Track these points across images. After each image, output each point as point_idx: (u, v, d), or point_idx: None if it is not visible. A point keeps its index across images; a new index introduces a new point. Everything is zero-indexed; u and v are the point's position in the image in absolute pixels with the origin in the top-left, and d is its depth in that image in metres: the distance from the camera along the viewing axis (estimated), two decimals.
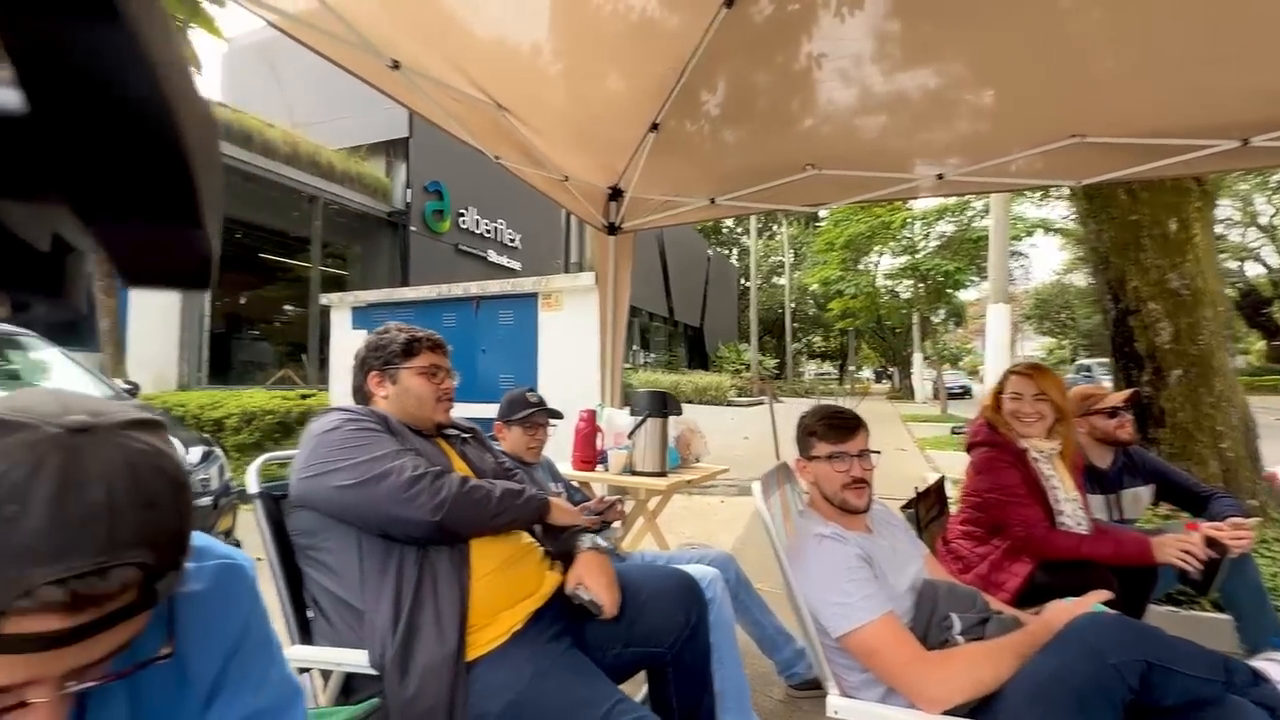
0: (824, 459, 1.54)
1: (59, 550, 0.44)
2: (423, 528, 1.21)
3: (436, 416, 1.49)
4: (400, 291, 6.01)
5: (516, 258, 14.17)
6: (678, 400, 2.59)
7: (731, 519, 4.80)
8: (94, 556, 0.45)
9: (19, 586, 0.43)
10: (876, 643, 1.27)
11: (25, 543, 0.43)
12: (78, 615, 0.45)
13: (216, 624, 0.68)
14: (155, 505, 0.50)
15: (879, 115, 2.63)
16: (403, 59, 1.82)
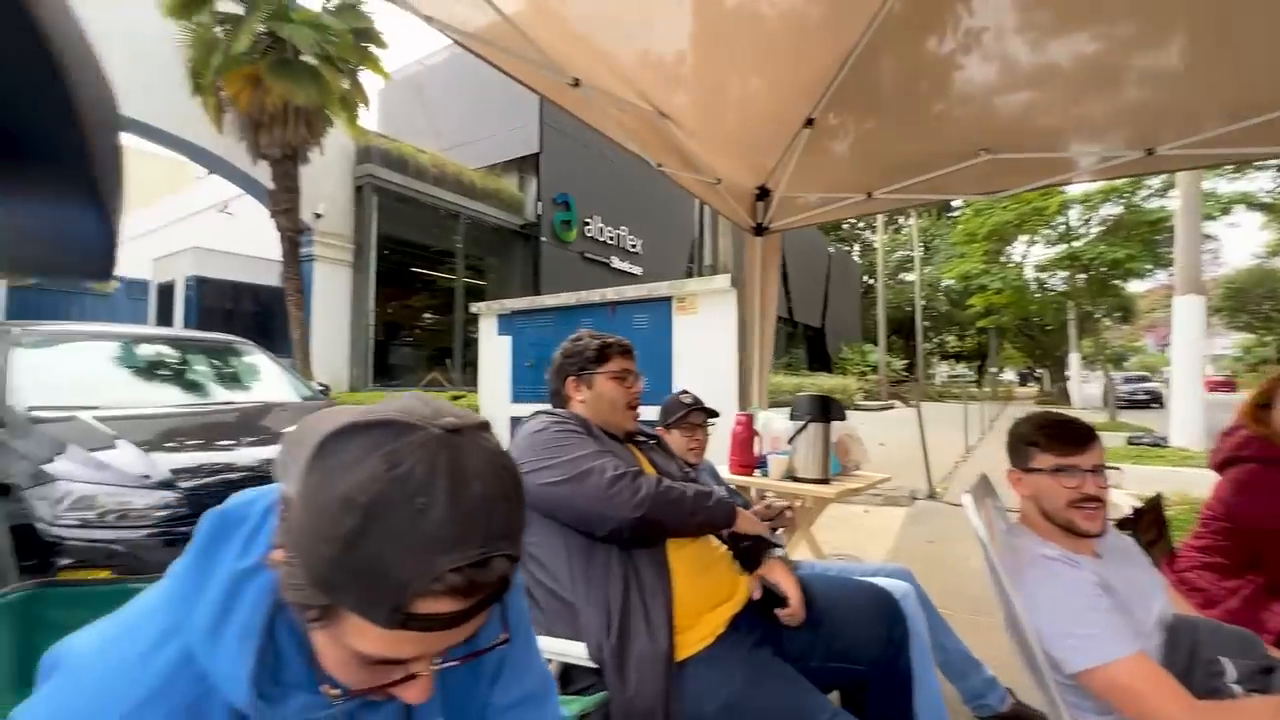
0: (1048, 472, 1.37)
1: (458, 540, 0.49)
2: (624, 524, 1.24)
3: (626, 423, 1.53)
4: (541, 299, 6.34)
5: (638, 263, 14.47)
6: (841, 405, 2.48)
7: (879, 530, 4.54)
8: (480, 546, 0.50)
9: (431, 571, 0.48)
10: (1132, 682, 1.12)
11: (433, 532, 0.48)
12: (467, 600, 0.51)
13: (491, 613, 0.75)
14: (509, 500, 0.55)
15: (1069, 87, 2.35)
16: (582, 76, 1.90)
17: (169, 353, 4.35)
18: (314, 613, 0.51)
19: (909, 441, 9.13)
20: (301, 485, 0.52)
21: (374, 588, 0.48)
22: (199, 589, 0.56)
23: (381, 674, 0.55)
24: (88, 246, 0.18)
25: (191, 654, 0.54)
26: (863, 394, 19.38)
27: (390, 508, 0.48)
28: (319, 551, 0.49)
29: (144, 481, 2.61)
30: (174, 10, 6.76)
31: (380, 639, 0.51)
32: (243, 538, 0.59)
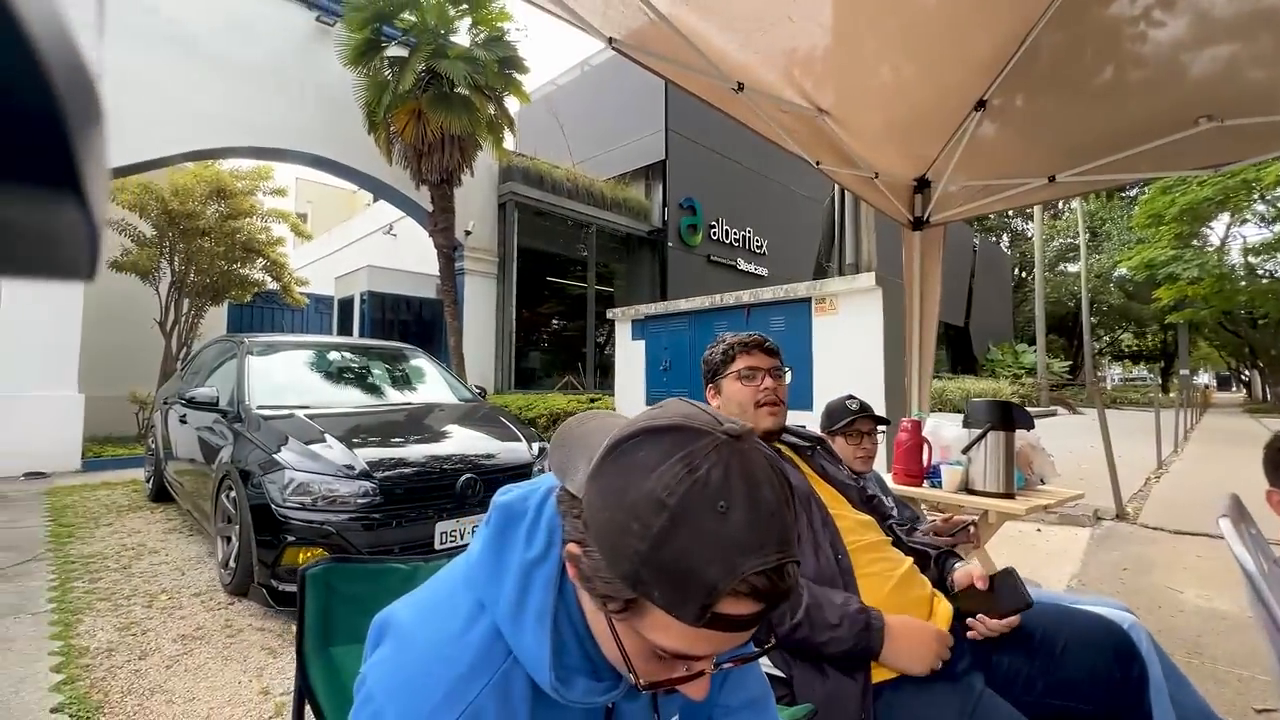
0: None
1: (760, 544, 0.51)
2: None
3: (761, 424, 1.42)
4: (674, 303, 6.41)
5: (763, 264, 14.20)
6: (1027, 413, 2.25)
7: (1058, 552, 4.06)
8: (778, 551, 0.51)
9: (736, 573, 0.50)
10: None
11: (736, 535, 0.50)
12: (764, 603, 0.52)
13: None
14: (789, 506, 0.55)
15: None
16: (746, 81, 1.90)
17: (354, 359, 4.95)
18: (617, 604, 0.54)
19: (1081, 453, 8.08)
20: (597, 485, 0.56)
21: (684, 586, 0.50)
22: (497, 574, 0.63)
23: (670, 668, 0.57)
24: (74, 247, 0.17)
25: (499, 630, 0.60)
26: (1017, 399, 17.48)
27: (696, 509, 0.50)
28: (629, 547, 0.52)
29: (348, 472, 2.98)
30: (353, 60, 7.73)
31: (683, 635, 0.53)
32: (525, 529, 0.65)
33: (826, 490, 1.46)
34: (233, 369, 4.12)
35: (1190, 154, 2.42)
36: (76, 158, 0.16)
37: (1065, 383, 23.41)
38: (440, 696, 0.57)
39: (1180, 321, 18.77)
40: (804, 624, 1.14)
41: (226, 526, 3.23)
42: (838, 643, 1.13)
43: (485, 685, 0.58)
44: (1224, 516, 1.21)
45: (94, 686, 2.15)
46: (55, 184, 0.16)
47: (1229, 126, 2.27)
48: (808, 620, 1.14)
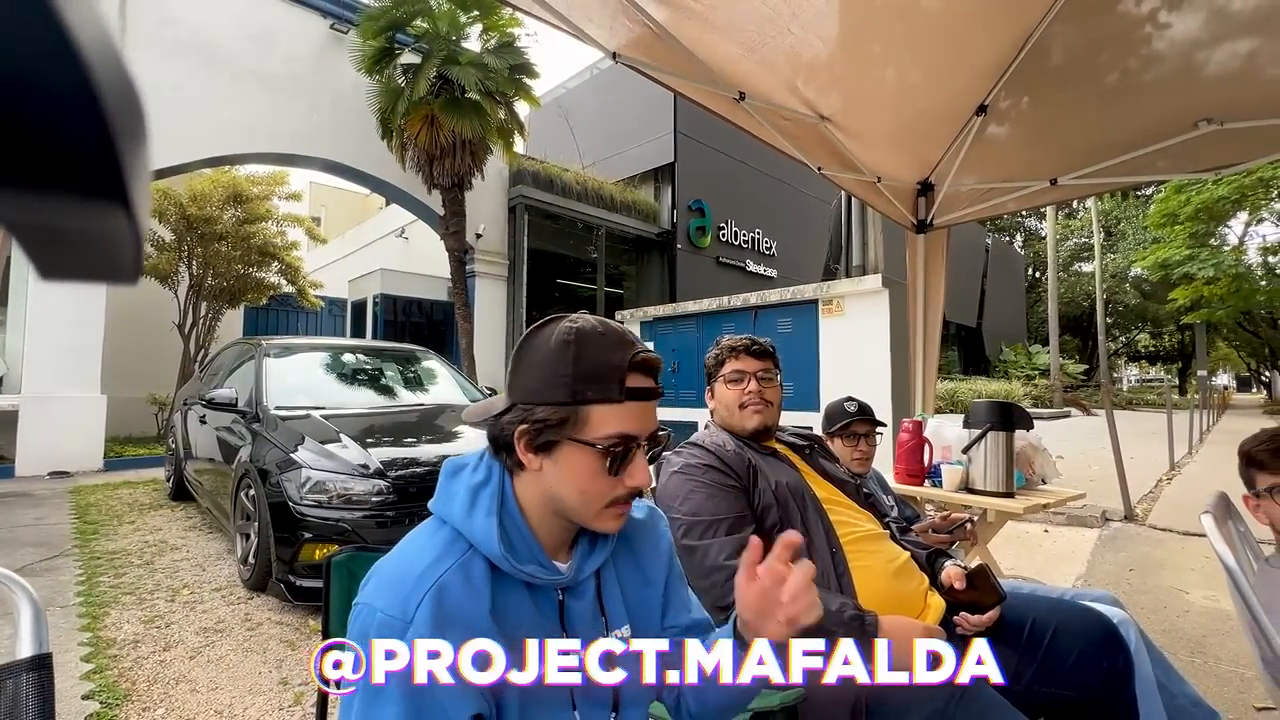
0: (1274, 494, 1.21)
1: (630, 341, 0.78)
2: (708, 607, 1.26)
3: (746, 424, 1.49)
4: (683, 305, 6.46)
5: (773, 266, 14.21)
6: (1027, 413, 2.28)
7: (1065, 553, 4.07)
8: (640, 346, 0.78)
9: (629, 355, 0.76)
10: None
11: (616, 339, 0.77)
12: (649, 379, 0.78)
13: (656, 545, 0.96)
14: (630, 333, 0.82)
15: None
16: (747, 90, 1.96)
17: (367, 360, 5.05)
18: (569, 427, 0.74)
19: (1093, 454, 8.03)
20: (519, 375, 0.78)
21: (605, 375, 0.74)
22: (450, 497, 0.80)
23: (613, 482, 0.76)
24: (118, 251, 0.18)
25: (457, 533, 0.77)
26: (1030, 400, 17.35)
27: (587, 335, 0.76)
28: (560, 376, 0.74)
29: (363, 471, 3.06)
30: (368, 67, 7.87)
31: (618, 414, 0.75)
32: (470, 468, 0.84)
33: (824, 486, 1.51)
34: (250, 371, 4.23)
35: (1190, 157, 2.45)
36: (125, 171, 0.17)
37: (1080, 384, 23.17)
38: (414, 578, 0.72)
39: (1197, 322, 18.53)
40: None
41: (245, 524, 3.33)
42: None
43: (449, 568, 0.73)
44: (1206, 513, 1.25)
45: (122, 676, 2.24)
46: (106, 196, 0.17)
47: (1228, 129, 2.29)
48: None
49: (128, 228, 0.18)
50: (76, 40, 0.15)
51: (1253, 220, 15.72)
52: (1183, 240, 14.64)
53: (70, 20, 0.15)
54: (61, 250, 0.18)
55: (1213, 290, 14.63)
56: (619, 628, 0.86)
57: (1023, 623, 1.33)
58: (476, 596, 0.73)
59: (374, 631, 0.68)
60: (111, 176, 0.17)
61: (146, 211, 0.19)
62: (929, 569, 1.46)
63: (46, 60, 0.15)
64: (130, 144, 0.17)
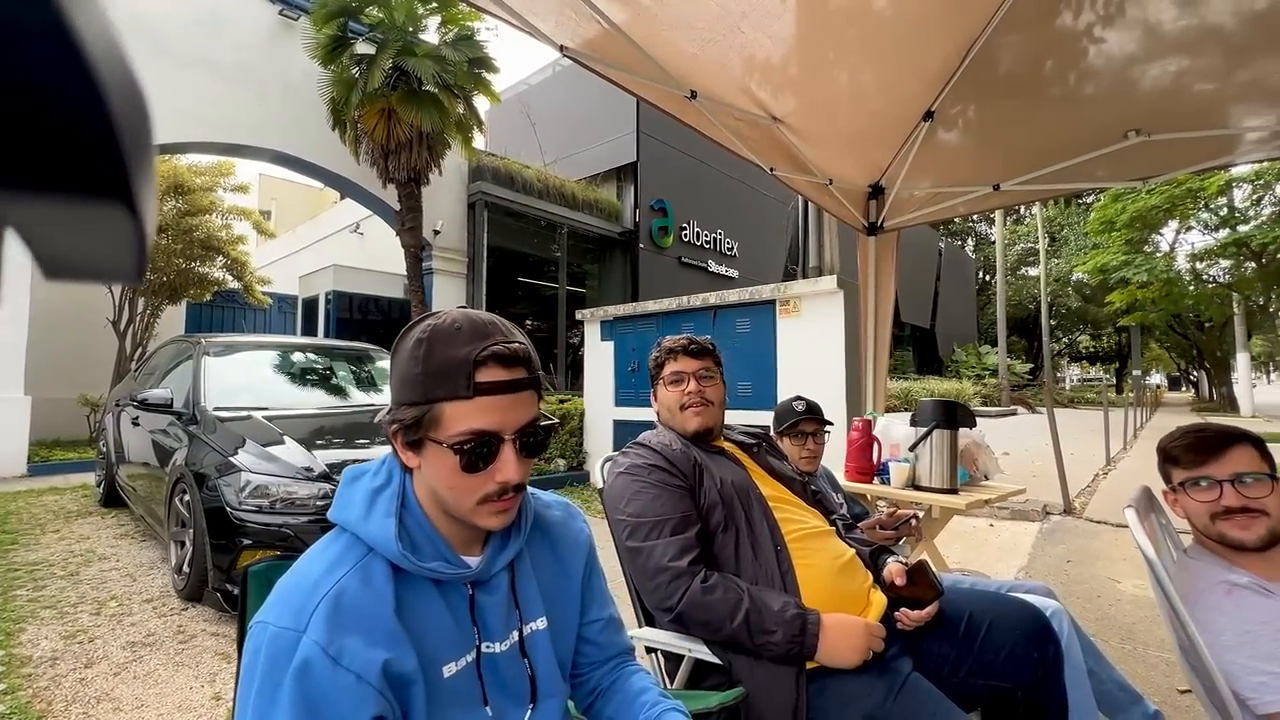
0: (1185, 488, 1.27)
1: (486, 334, 0.75)
2: (657, 612, 1.28)
3: (688, 425, 1.49)
4: (643, 305, 6.46)
5: (734, 266, 14.35)
6: (970, 411, 2.35)
7: (1008, 546, 4.22)
8: (502, 336, 0.76)
9: (477, 348, 0.74)
10: None
11: (469, 333, 0.75)
12: (509, 371, 0.75)
13: (574, 540, 0.96)
14: (512, 328, 0.80)
15: (1231, 50, 2.08)
16: (699, 89, 1.95)
17: (319, 360, 4.88)
18: (426, 427, 0.74)
19: (1036, 450, 8.37)
20: (392, 364, 0.78)
21: (451, 372, 0.73)
22: (349, 503, 0.79)
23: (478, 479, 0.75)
24: (123, 251, 0.19)
25: (355, 537, 0.77)
26: (980, 399, 18.00)
27: (441, 333, 0.75)
28: (411, 376, 0.74)
29: (307, 474, 2.95)
30: (322, 57, 7.60)
31: (467, 411, 0.73)
32: (370, 473, 0.83)
33: (770, 484, 1.52)
34: (188, 370, 4.03)
35: (1121, 165, 2.56)
36: (129, 169, 0.17)
37: (1026, 383, 24.14)
38: (308, 587, 0.70)
39: (1132, 324, 19.57)
40: (741, 629, 1.20)
41: (180, 531, 3.17)
42: (774, 647, 1.19)
43: (346, 573, 0.72)
44: (1129, 507, 1.30)
45: (36, 696, 2.09)
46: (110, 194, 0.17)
47: (1155, 140, 2.40)
48: (745, 626, 1.20)
49: (132, 226, 0.18)
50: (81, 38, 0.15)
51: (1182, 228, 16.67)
52: (1119, 246, 15.42)
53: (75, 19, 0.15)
54: (66, 249, 0.18)
55: (1146, 294, 15.47)
56: (534, 620, 0.86)
57: (960, 617, 1.35)
58: (377, 598, 0.72)
59: (267, 647, 0.66)
60: (115, 174, 0.17)
61: (152, 210, 0.19)
62: (872, 566, 1.48)
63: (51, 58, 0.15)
64: (134, 142, 0.17)
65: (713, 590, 1.23)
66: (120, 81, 0.16)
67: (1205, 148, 2.46)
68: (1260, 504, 1.20)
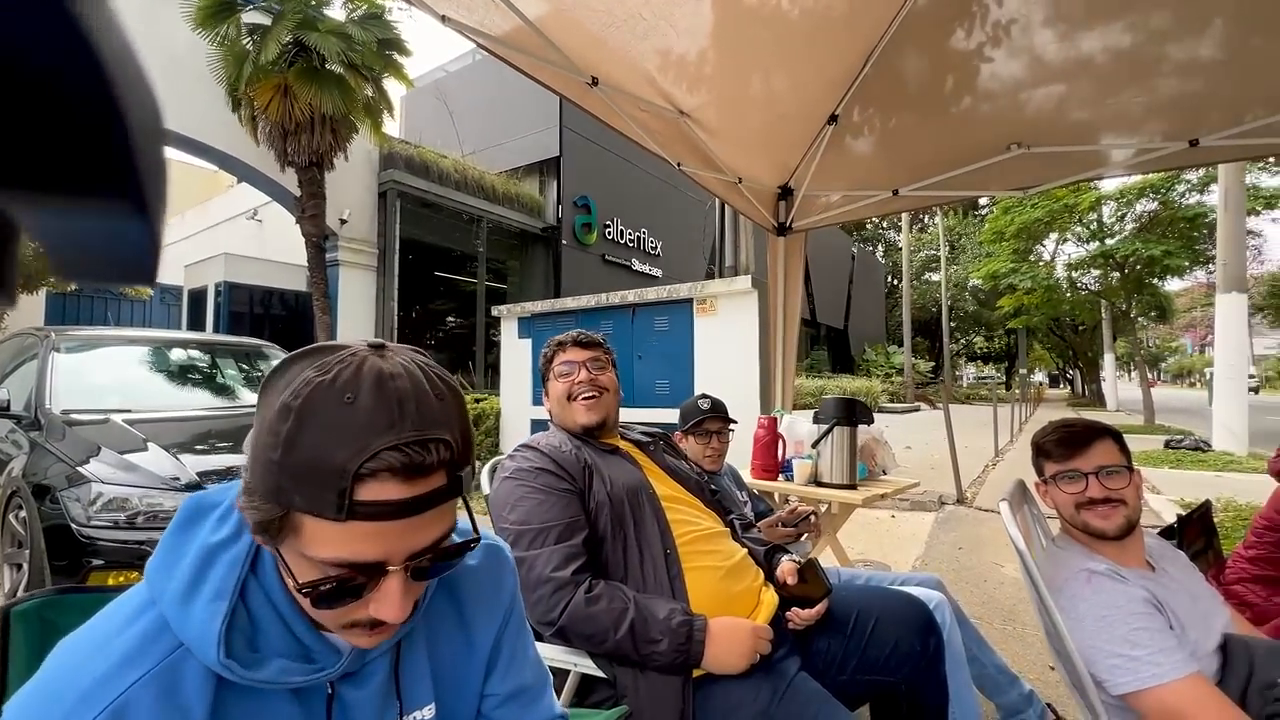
0: (1053, 480, 1.33)
1: (388, 423, 0.52)
2: (539, 625, 1.19)
3: (577, 418, 1.44)
4: (561, 301, 6.34)
5: (658, 265, 14.45)
6: (868, 408, 2.42)
7: (908, 536, 4.43)
8: (412, 429, 0.53)
9: (367, 451, 0.51)
10: (1184, 707, 1.06)
11: (364, 419, 0.51)
12: (411, 486, 0.53)
13: (491, 597, 0.77)
14: (444, 399, 0.57)
15: (1100, 73, 2.26)
16: (600, 76, 1.88)
17: (199, 357, 4.44)
18: (274, 530, 0.53)
19: (936, 445, 8.93)
20: (257, 413, 0.55)
21: (317, 479, 0.50)
22: (173, 562, 0.58)
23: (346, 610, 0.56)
24: (134, 253, 0.19)
25: (165, 622, 0.55)
26: (887, 396, 19.07)
27: (321, 404, 0.51)
28: (266, 460, 0.52)
29: (173, 484, 2.65)
30: (202, 22, 6.92)
31: (339, 536, 0.52)
32: (216, 516, 0.62)
33: (666, 483, 1.48)
34: (33, 369, 3.54)
35: (1005, 176, 2.72)
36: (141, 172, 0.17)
37: (928, 381, 25.85)
38: (75, 699, 0.50)
39: (1019, 327, 21.40)
40: (626, 639, 1.14)
41: (16, 552, 2.77)
42: (659, 656, 1.14)
43: (140, 679, 0.52)
44: (1003, 500, 1.35)
45: None
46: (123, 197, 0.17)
47: (1034, 153, 2.57)
48: (630, 636, 1.14)
49: (143, 229, 0.18)
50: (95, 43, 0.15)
51: (1060, 240, 18.35)
52: (1008, 255, 16.77)
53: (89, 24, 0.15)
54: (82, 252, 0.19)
55: (1030, 299, 16.92)
56: (418, 709, 0.68)
57: (848, 615, 1.36)
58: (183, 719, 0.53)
59: None
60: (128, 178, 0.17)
61: (163, 213, 0.19)
62: (767, 565, 1.47)
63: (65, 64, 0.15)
64: (146, 146, 0.17)
65: (597, 600, 1.17)
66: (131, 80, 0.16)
67: (1079, 162, 2.66)
68: (1120, 494, 1.27)
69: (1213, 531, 2.09)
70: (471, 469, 0.60)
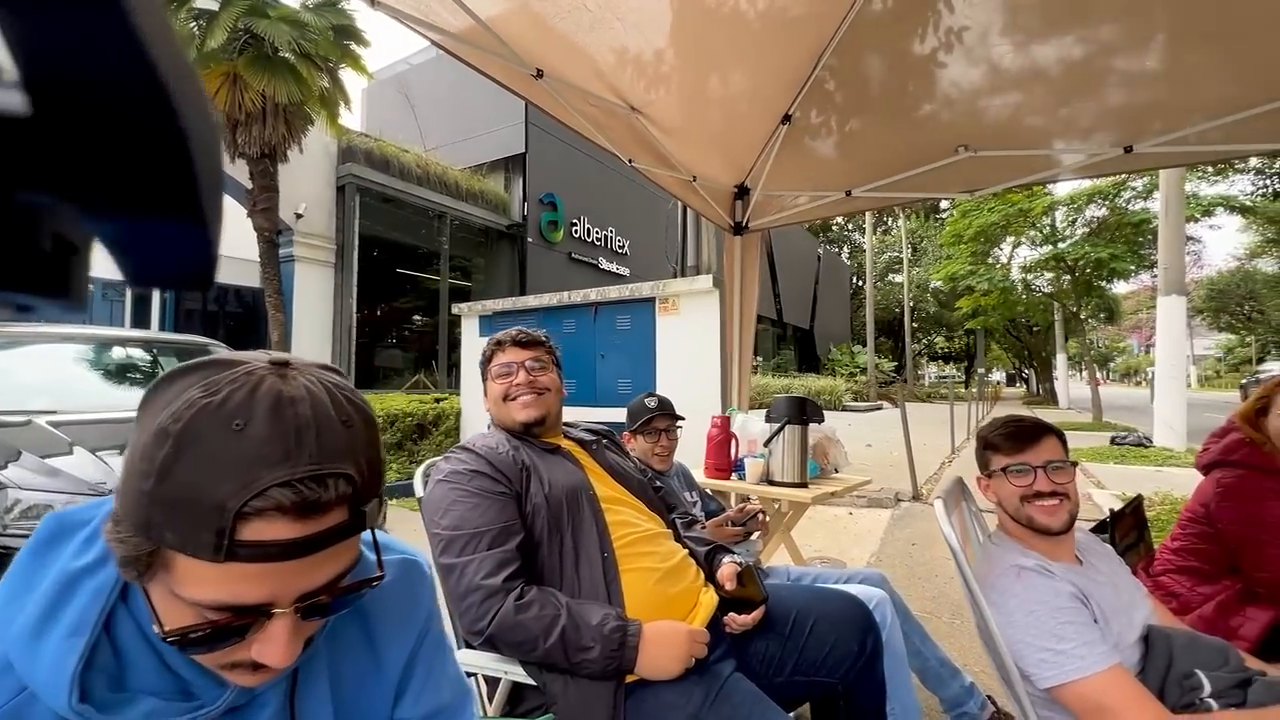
0: (1001, 473, 1.34)
1: (282, 456, 0.47)
2: (469, 635, 1.16)
3: (516, 416, 1.41)
4: (523, 300, 6.26)
5: (625, 264, 14.42)
6: (819, 406, 2.43)
7: (863, 532, 4.50)
8: (310, 462, 0.48)
9: (253, 487, 0.46)
10: (1104, 699, 1.08)
11: (254, 450, 0.46)
12: (305, 524, 0.48)
13: (404, 615, 0.71)
14: (352, 426, 0.52)
15: (1050, 81, 2.32)
16: (546, 68, 1.84)
17: (140, 356, 4.24)
18: (141, 566, 0.48)
19: (896, 442, 9.11)
20: (134, 430, 0.50)
21: (192, 515, 0.45)
22: (24, 590, 0.52)
23: (232, 650, 0.50)
24: (192, 260, 0.20)
25: (9, 662, 0.49)
26: (851, 395, 19.42)
27: (204, 430, 0.46)
28: (136, 491, 0.46)
29: (99, 489, 2.51)
30: None
31: (214, 577, 0.47)
32: (82, 538, 0.55)
33: (607, 483, 1.45)
34: None
35: (953, 179, 2.76)
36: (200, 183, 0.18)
37: (891, 380, 26.43)
38: None
39: (977, 328, 22.06)
40: (556, 647, 1.11)
41: None
42: (590, 664, 1.11)
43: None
44: (939, 499, 1.36)
45: None
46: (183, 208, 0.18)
47: (981, 157, 2.62)
48: (561, 644, 1.11)
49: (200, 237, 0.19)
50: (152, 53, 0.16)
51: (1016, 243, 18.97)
52: (967, 258, 17.26)
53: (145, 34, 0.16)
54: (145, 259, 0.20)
55: (987, 301, 17.45)
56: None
57: (787, 616, 1.35)
58: None
59: None
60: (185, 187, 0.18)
61: (220, 222, 0.20)
62: (708, 566, 1.46)
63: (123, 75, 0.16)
64: (205, 157, 0.18)
65: (527, 608, 1.13)
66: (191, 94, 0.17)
67: (1024, 165, 2.72)
68: (1064, 488, 1.29)
69: (1144, 525, 2.16)
70: (380, 501, 0.55)
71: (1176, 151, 2.45)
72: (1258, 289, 33.51)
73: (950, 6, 2.15)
